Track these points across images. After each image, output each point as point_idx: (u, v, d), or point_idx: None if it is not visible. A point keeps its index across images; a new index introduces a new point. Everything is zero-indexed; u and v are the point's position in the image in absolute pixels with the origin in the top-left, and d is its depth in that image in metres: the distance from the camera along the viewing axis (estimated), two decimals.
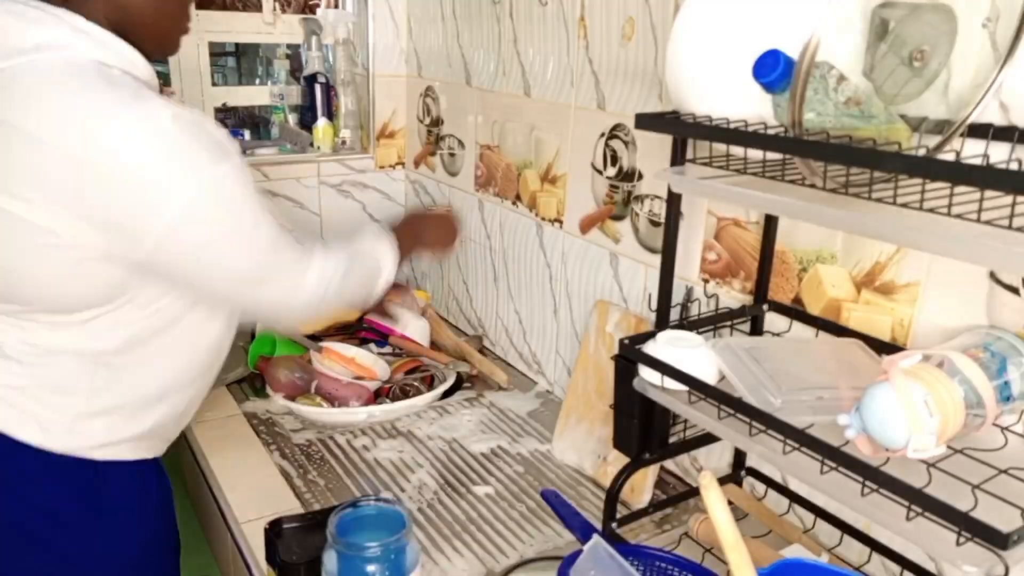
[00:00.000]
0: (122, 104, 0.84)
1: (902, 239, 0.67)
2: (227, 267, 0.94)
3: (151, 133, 0.84)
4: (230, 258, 0.94)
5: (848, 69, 0.74)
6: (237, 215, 0.92)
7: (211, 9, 1.92)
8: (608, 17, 1.28)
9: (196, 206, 0.87)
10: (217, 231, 0.91)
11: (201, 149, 0.87)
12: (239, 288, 0.98)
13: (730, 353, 0.87)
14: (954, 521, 0.63)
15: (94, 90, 0.84)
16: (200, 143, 0.87)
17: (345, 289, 1.07)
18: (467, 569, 1.07)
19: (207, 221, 0.89)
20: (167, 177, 0.85)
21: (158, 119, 0.85)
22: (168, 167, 0.85)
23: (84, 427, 0.96)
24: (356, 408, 1.44)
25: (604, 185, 1.35)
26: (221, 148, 0.89)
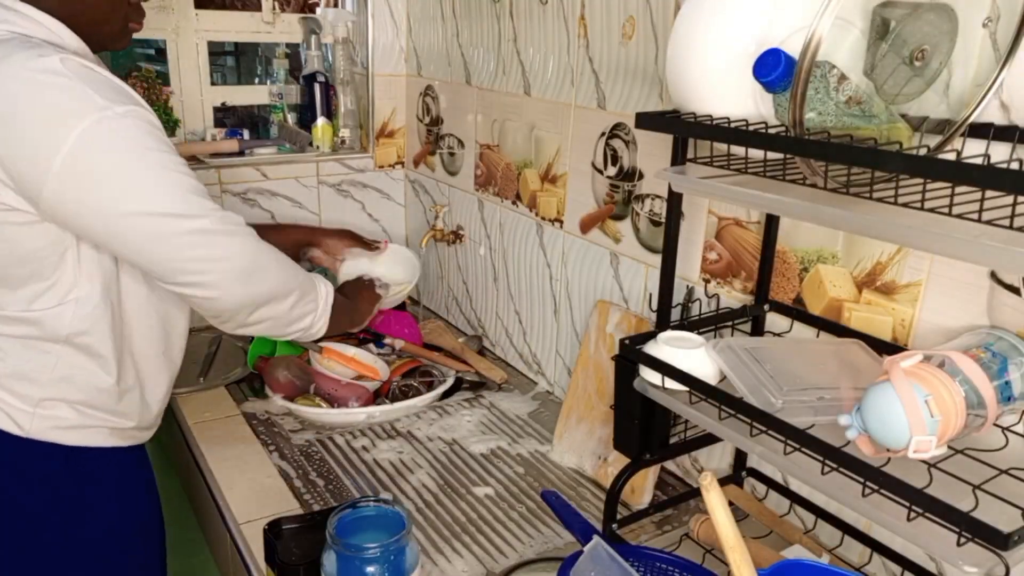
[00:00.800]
0: (11, 53, 0.85)
1: (903, 239, 0.67)
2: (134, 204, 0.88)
3: (37, 75, 0.84)
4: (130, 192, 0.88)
5: (849, 68, 0.74)
6: (139, 150, 0.88)
7: (210, 8, 1.91)
8: (608, 16, 1.28)
9: (91, 138, 0.85)
10: (117, 165, 0.87)
11: (93, 90, 0.85)
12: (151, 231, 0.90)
13: (731, 353, 0.87)
14: (955, 521, 0.63)
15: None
16: (92, 85, 0.86)
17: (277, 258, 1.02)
18: (467, 570, 1.06)
19: (104, 156, 0.86)
20: (58, 111, 0.84)
21: (44, 61, 0.85)
22: (53, 105, 0.84)
23: (48, 412, 0.97)
24: (355, 409, 1.44)
25: (604, 184, 1.35)
26: (122, 93, 0.89)
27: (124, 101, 0.88)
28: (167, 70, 1.89)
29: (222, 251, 0.95)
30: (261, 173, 1.86)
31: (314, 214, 1.96)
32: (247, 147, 1.88)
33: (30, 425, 0.97)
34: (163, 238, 0.91)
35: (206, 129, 1.95)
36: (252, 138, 1.98)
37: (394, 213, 2.09)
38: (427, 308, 2.02)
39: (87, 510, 1.02)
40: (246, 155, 1.86)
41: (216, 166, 1.80)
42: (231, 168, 1.82)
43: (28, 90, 0.84)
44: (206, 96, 1.95)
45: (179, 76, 1.90)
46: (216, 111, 1.98)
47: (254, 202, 1.87)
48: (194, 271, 0.94)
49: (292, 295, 1.06)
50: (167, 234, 0.91)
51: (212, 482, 1.27)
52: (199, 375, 1.59)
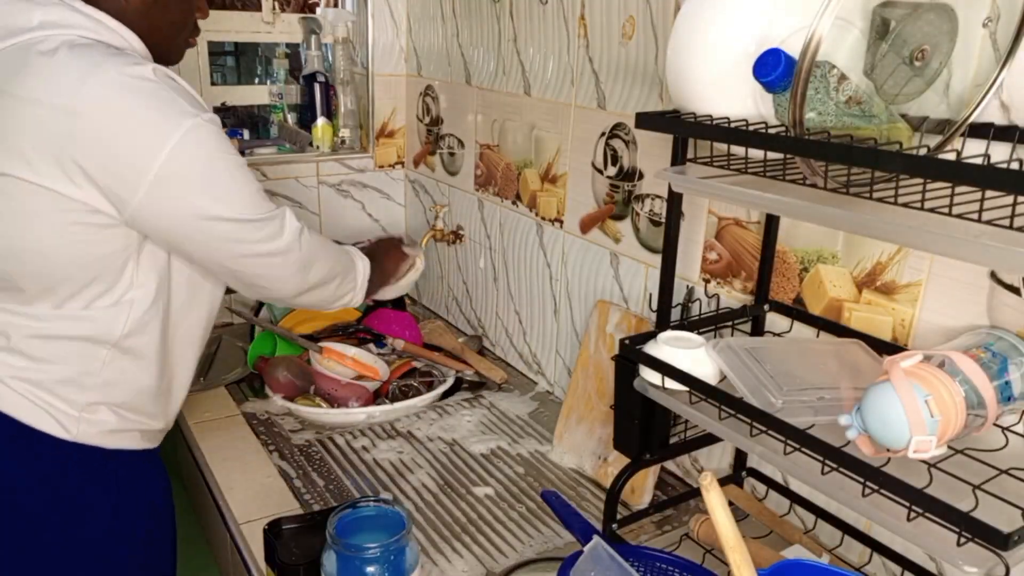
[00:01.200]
0: (104, 59, 0.89)
1: (903, 239, 0.67)
2: (222, 209, 0.94)
3: (134, 81, 0.88)
4: (224, 199, 0.94)
5: (849, 68, 0.74)
6: (225, 156, 0.94)
7: (210, 8, 1.91)
8: (608, 16, 1.28)
9: (183, 150, 0.89)
10: (208, 172, 0.93)
11: (183, 98, 0.91)
12: (237, 236, 0.97)
13: (731, 353, 0.87)
14: (955, 521, 0.63)
15: (82, 54, 0.89)
16: (181, 94, 0.92)
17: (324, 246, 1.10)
18: (467, 570, 1.06)
19: (196, 163, 0.91)
20: (151, 123, 0.88)
21: (138, 69, 0.89)
22: (151, 113, 0.88)
23: (92, 416, 1.00)
24: (355, 409, 1.44)
25: (604, 184, 1.35)
26: (200, 102, 0.95)
27: (205, 109, 0.94)
28: None
29: (284, 248, 1.02)
30: (261, 173, 1.86)
31: (314, 214, 1.96)
32: (247, 147, 1.89)
33: (76, 430, 0.99)
34: (239, 240, 0.97)
35: None
36: (252, 138, 1.99)
37: (394, 213, 2.09)
38: (427, 308, 2.03)
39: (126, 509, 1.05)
40: (246, 155, 1.86)
41: None
42: None
43: (125, 96, 0.88)
44: (206, 96, 1.94)
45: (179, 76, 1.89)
46: (216, 111, 1.97)
47: None
48: (259, 269, 1.02)
49: (337, 278, 1.14)
50: (243, 236, 0.97)
51: (212, 482, 1.27)
52: (199, 375, 1.59)
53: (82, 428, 0.99)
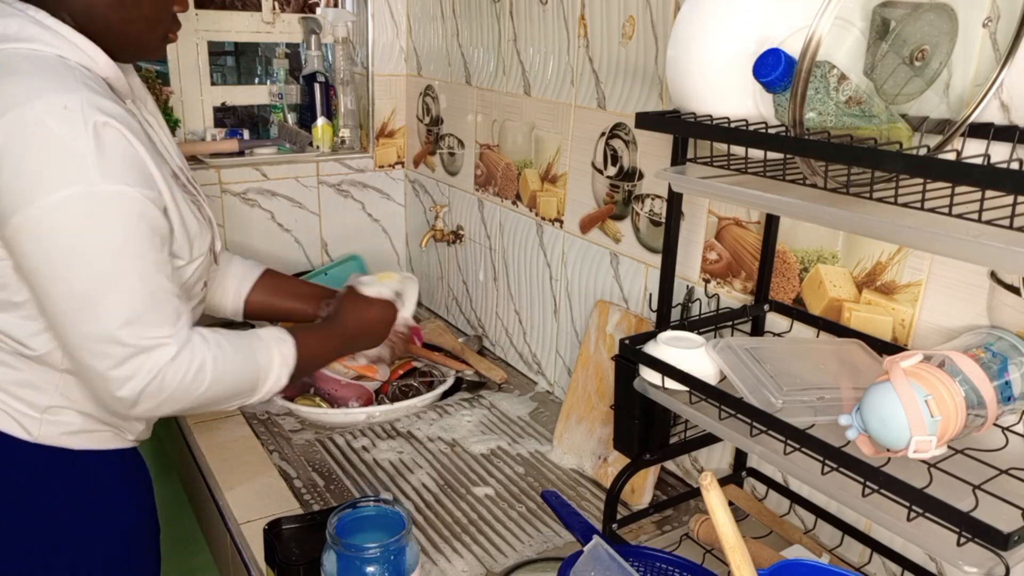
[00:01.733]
0: (42, 91, 0.83)
1: (903, 239, 0.67)
2: (67, 288, 0.84)
3: (55, 124, 0.82)
4: (74, 281, 0.84)
5: (849, 68, 0.74)
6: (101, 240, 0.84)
7: (210, 8, 1.91)
8: (608, 16, 1.28)
9: (61, 211, 0.82)
10: (71, 246, 0.83)
11: (99, 160, 0.83)
12: (71, 322, 0.86)
13: (731, 353, 0.87)
14: (955, 521, 0.63)
15: (25, 76, 0.84)
16: (103, 154, 0.83)
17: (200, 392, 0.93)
18: (467, 570, 1.06)
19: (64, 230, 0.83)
20: (44, 171, 0.81)
21: (71, 113, 0.82)
22: (51, 162, 0.82)
23: (55, 418, 0.97)
24: (356, 409, 1.44)
25: (604, 184, 1.35)
26: (130, 171, 0.85)
27: (124, 181, 0.84)
28: (167, 70, 1.89)
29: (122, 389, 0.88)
30: (261, 173, 1.86)
31: (314, 214, 1.96)
32: (247, 147, 1.88)
33: (38, 431, 0.97)
34: (77, 338, 0.87)
35: (206, 129, 1.95)
36: (252, 138, 1.98)
37: (394, 213, 2.09)
38: (427, 308, 2.03)
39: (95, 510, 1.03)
40: (246, 155, 1.87)
41: (216, 166, 1.80)
42: (231, 168, 1.82)
43: (32, 138, 0.81)
44: (206, 96, 1.95)
45: (179, 76, 1.90)
46: (216, 111, 1.98)
47: (254, 202, 1.87)
48: (90, 379, 0.90)
49: (219, 404, 0.99)
50: (82, 338, 0.86)
51: (212, 482, 1.27)
52: None
53: (44, 430, 0.97)
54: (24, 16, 0.89)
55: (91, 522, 1.02)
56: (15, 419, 0.96)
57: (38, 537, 0.99)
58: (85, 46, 0.91)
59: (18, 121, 0.82)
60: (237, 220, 1.86)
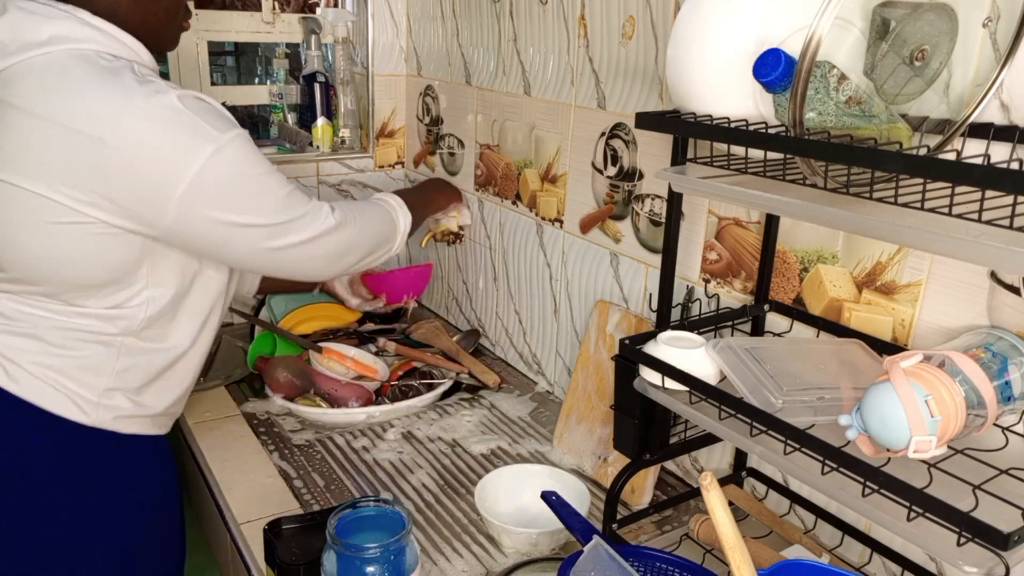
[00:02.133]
0: (130, 88, 0.92)
1: (903, 239, 0.67)
2: (250, 218, 1.00)
3: (158, 111, 0.91)
4: (251, 210, 1.00)
5: (849, 68, 0.74)
6: (250, 170, 0.99)
7: (210, 8, 1.91)
8: (608, 16, 1.28)
9: (208, 171, 0.94)
10: (233, 190, 0.98)
11: (206, 122, 0.94)
12: (267, 241, 1.03)
13: (731, 353, 0.87)
14: (955, 521, 0.63)
15: (104, 76, 0.92)
16: (204, 116, 0.95)
17: (363, 232, 1.17)
18: (467, 570, 1.06)
19: (223, 181, 0.96)
20: (178, 150, 0.92)
21: (163, 98, 0.93)
22: (177, 140, 0.92)
23: (110, 402, 1.05)
24: (356, 409, 1.44)
25: (604, 184, 1.35)
26: (226, 119, 0.98)
27: (229, 127, 0.97)
28: (167, 70, 1.89)
29: (316, 251, 1.10)
30: None
31: None
32: None
33: (95, 415, 1.04)
34: (270, 241, 1.03)
35: None
36: (252, 138, 1.98)
37: None
38: (427, 308, 2.02)
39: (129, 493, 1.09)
40: None
41: None
42: None
43: (154, 128, 0.91)
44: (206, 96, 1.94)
45: (179, 76, 1.90)
46: None
47: None
48: (293, 264, 1.10)
49: (376, 252, 1.23)
50: (273, 244, 1.04)
51: (212, 482, 1.27)
52: (199, 375, 1.58)
53: (100, 413, 1.04)
54: (71, 17, 0.95)
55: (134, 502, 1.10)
56: (75, 402, 1.02)
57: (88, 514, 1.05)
58: (131, 43, 0.99)
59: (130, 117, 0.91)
60: None
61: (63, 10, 0.95)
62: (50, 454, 1.02)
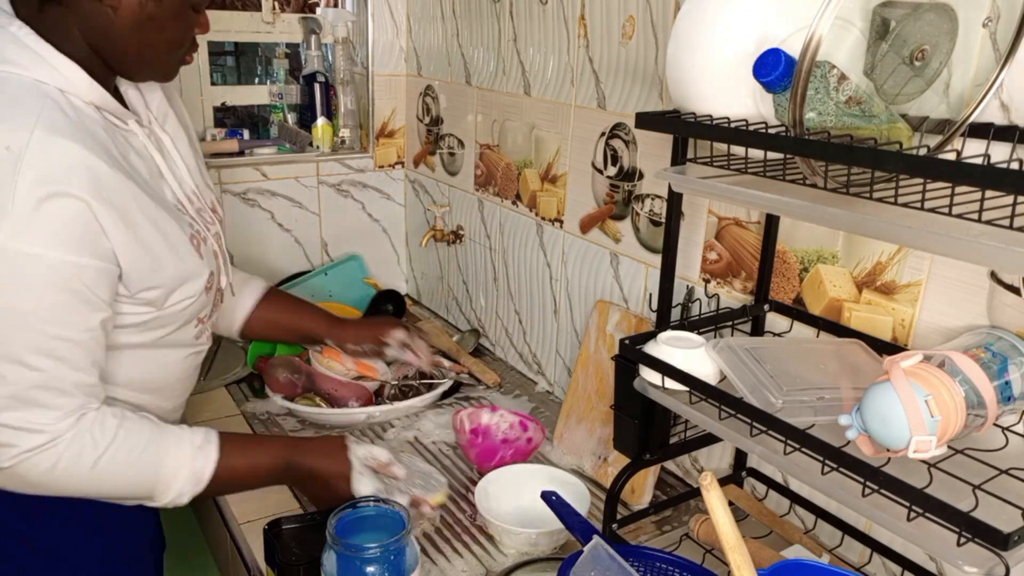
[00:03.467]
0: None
1: (903, 239, 0.67)
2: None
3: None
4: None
5: (849, 68, 0.74)
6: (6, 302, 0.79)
7: (210, 8, 1.91)
8: (608, 16, 1.28)
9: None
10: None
11: (26, 217, 0.77)
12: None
13: (731, 353, 0.87)
14: (955, 521, 0.63)
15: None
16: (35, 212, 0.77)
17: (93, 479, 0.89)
18: (467, 570, 1.06)
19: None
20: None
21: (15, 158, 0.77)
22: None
23: None
24: (356, 409, 1.44)
25: (604, 184, 1.35)
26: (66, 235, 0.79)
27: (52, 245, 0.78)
28: None
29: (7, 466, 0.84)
30: (261, 173, 1.86)
31: (314, 214, 1.96)
32: (247, 147, 1.88)
33: None
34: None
35: (206, 129, 1.95)
36: (252, 138, 1.98)
37: (394, 213, 2.09)
38: (427, 308, 2.03)
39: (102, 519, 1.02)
40: (246, 155, 1.86)
41: (216, 166, 1.80)
42: (231, 168, 1.82)
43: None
44: (206, 96, 1.95)
45: (179, 76, 1.89)
46: (216, 111, 1.97)
47: (254, 202, 1.87)
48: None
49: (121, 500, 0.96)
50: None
51: None
52: (199, 375, 1.58)
53: None
54: (4, 33, 0.85)
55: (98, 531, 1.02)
56: None
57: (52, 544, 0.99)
58: (65, 69, 0.86)
59: None
60: (237, 220, 1.86)
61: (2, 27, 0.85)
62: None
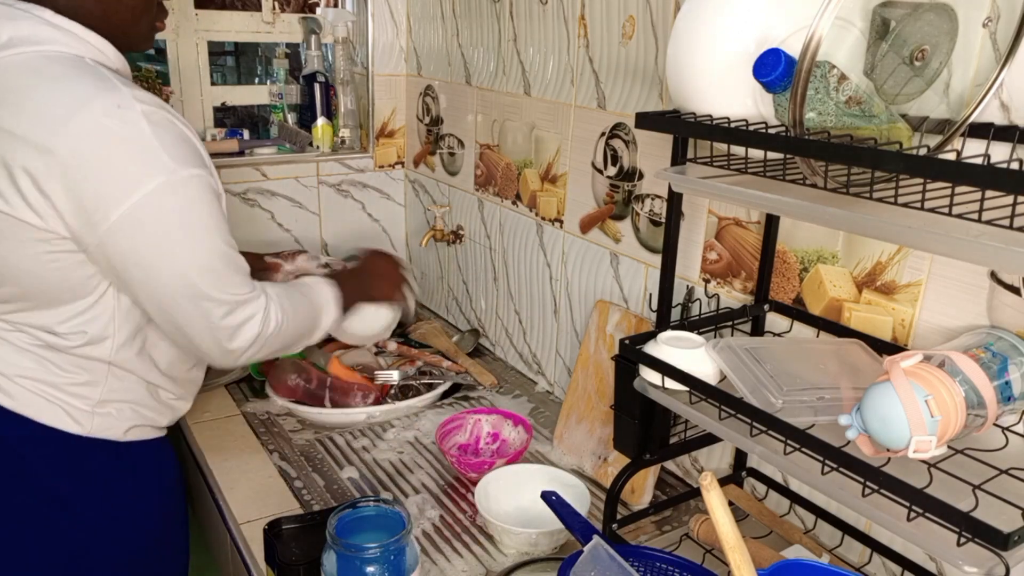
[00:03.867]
0: (88, 95, 0.87)
1: (903, 239, 0.67)
2: (172, 268, 0.92)
3: (115, 126, 0.87)
4: (182, 260, 0.93)
5: (849, 68, 0.74)
6: (191, 219, 0.92)
7: (210, 8, 1.91)
8: (608, 16, 1.28)
9: (148, 204, 0.88)
10: (167, 230, 0.91)
11: (164, 149, 0.89)
12: (180, 297, 0.94)
13: (731, 353, 0.87)
14: (955, 521, 0.63)
15: (66, 81, 0.88)
16: (165, 143, 0.89)
17: (282, 335, 1.05)
18: (467, 570, 1.06)
19: (159, 219, 0.90)
20: (128, 170, 0.87)
21: (125, 113, 0.87)
22: (127, 163, 0.87)
23: (106, 410, 1.03)
24: (355, 409, 1.44)
25: (604, 184, 1.35)
26: (190, 152, 0.92)
27: (190, 163, 0.91)
28: (167, 70, 1.89)
29: (222, 344, 0.99)
30: (261, 173, 1.86)
31: (314, 214, 1.96)
32: (247, 147, 1.88)
33: (91, 424, 1.02)
34: (183, 306, 0.95)
35: (206, 129, 1.95)
36: (252, 138, 1.98)
37: (394, 213, 2.09)
38: (427, 308, 2.03)
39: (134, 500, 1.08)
40: (246, 155, 1.86)
41: (216, 166, 1.79)
42: (231, 168, 1.82)
43: (104, 143, 0.86)
44: (206, 96, 1.95)
45: (179, 76, 1.90)
46: (216, 111, 1.98)
47: (254, 202, 1.87)
48: (196, 342, 0.99)
49: (285, 350, 1.11)
50: (189, 305, 0.95)
51: (212, 482, 1.27)
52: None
53: (96, 422, 1.02)
54: (32, 17, 0.91)
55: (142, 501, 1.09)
56: (68, 413, 1.01)
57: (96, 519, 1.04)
58: (96, 42, 0.94)
59: (84, 127, 0.85)
60: (237, 220, 1.86)
61: (23, 9, 0.91)
62: (49, 466, 1.01)
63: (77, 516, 1.03)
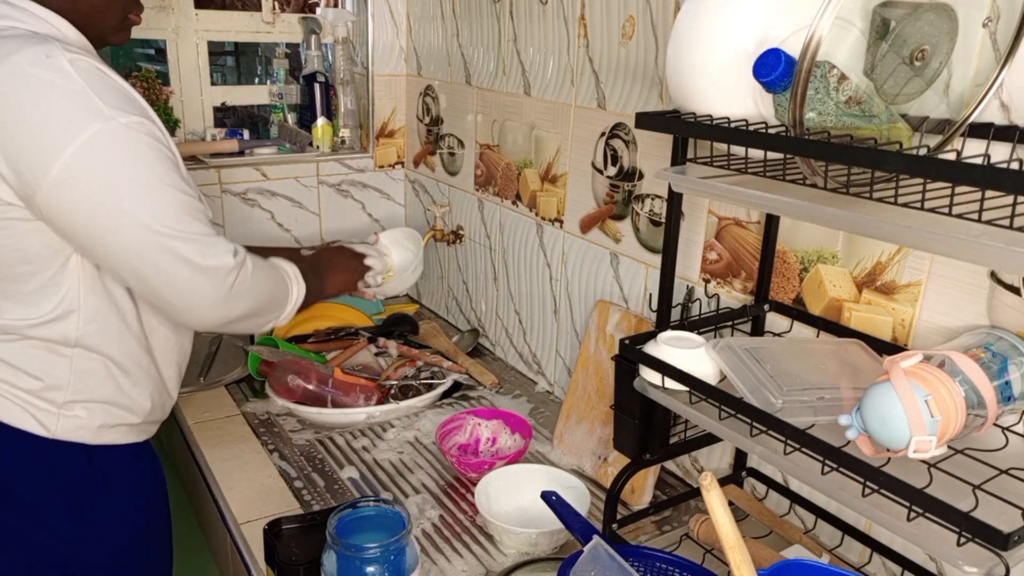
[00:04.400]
0: (17, 49, 0.85)
1: (903, 239, 0.67)
2: (127, 217, 0.88)
3: (47, 72, 0.84)
4: (138, 205, 0.88)
5: (849, 68, 0.74)
6: (137, 166, 0.88)
7: (210, 8, 1.91)
8: (608, 16, 1.28)
9: (92, 148, 0.85)
10: (113, 180, 0.87)
11: (98, 95, 0.86)
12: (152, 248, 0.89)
13: (731, 353, 0.87)
14: (955, 521, 0.63)
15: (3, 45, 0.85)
16: (99, 89, 0.86)
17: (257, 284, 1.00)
18: (467, 570, 1.06)
19: (104, 167, 0.86)
20: (61, 119, 0.84)
21: (56, 59, 0.84)
22: (63, 109, 0.84)
23: (72, 413, 0.99)
24: (355, 409, 1.44)
25: (604, 184, 1.35)
26: (125, 99, 0.89)
27: (130, 111, 0.88)
28: (167, 70, 1.89)
29: (198, 283, 0.93)
30: (261, 173, 1.86)
31: (314, 214, 1.96)
32: (247, 147, 1.88)
33: (55, 426, 0.98)
34: (146, 254, 0.90)
35: (206, 129, 1.95)
36: (252, 138, 1.98)
37: (394, 213, 2.09)
38: (427, 308, 2.03)
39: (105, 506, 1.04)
40: (246, 155, 1.87)
41: (216, 166, 1.80)
42: (231, 168, 1.82)
43: (34, 92, 0.84)
44: (206, 96, 1.95)
45: (179, 76, 1.90)
46: (216, 111, 1.98)
47: (254, 202, 1.87)
48: (169, 293, 0.93)
49: (264, 314, 1.05)
50: (151, 251, 0.90)
51: (212, 482, 1.27)
52: (199, 375, 1.59)
53: (62, 424, 0.98)
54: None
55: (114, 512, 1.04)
56: (33, 415, 0.97)
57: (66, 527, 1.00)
58: (54, 20, 0.92)
59: (10, 77, 0.83)
60: (237, 220, 1.86)
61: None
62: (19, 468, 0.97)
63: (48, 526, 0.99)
